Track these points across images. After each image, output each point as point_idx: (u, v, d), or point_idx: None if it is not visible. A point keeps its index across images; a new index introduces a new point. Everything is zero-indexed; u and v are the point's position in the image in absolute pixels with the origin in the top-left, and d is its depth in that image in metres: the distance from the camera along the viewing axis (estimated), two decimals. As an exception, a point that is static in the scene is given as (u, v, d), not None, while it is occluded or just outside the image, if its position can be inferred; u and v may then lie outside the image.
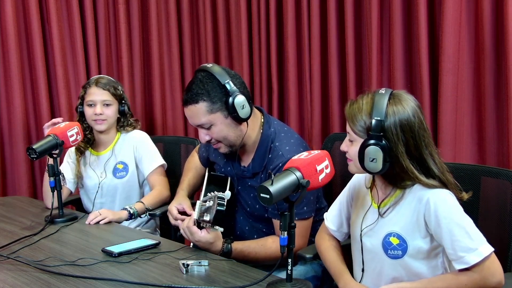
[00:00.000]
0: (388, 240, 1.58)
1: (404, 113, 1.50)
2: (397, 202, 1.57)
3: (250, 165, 2.06)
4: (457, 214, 1.49)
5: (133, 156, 2.60)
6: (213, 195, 1.74)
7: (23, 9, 3.10)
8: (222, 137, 1.99)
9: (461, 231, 1.46)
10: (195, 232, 1.84)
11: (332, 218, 1.80)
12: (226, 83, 1.93)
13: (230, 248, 1.89)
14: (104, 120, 2.52)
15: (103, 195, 2.59)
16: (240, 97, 1.93)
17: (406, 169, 1.50)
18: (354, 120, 1.54)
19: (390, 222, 1.58)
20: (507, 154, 2.15)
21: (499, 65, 2.18)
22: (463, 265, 1.46)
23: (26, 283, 1.67)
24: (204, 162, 2.35)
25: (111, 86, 2.54)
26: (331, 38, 2.68)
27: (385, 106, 1.50)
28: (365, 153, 1.50)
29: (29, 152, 2.25)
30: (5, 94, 3.10)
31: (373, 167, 1.50)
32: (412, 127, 1.50)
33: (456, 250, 1.46)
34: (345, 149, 1.60)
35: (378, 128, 1.48)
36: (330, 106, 2.73)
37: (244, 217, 2.15)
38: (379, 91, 1.55)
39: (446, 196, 1.51)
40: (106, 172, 2.58)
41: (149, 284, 1.62)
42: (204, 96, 1.94)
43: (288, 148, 1.99)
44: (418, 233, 1.54)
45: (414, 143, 1.51)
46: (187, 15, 3.43)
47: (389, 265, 1.59)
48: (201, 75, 1.97)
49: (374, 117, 1.49)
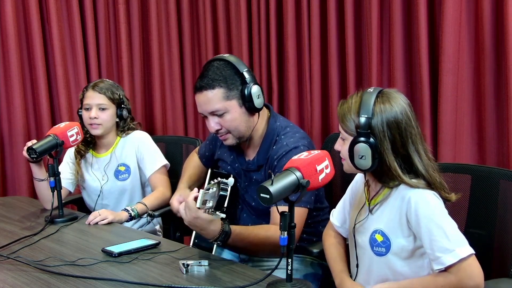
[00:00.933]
0: (373, 237, 1.60)
1: (392, 111, 1.53)
2: (385, 200, 1.60)
3: (255, 158, 2.08)
4: (437, 215, 1.50)
5: (135, 156, 2.59)
6: (216, 181, 1.67)
7: (23, 9, 3.10)
8: (234, 126, 2.00)
9: (440, 231, 1.47)
10: (192, 208, 1.70)
11: (336, 215, 1.83)
12: (244, 71, 1.97)
13: (229, 229, 1.78)
14: (99, 124, 2.50)
15: (105, 198, 2.59)
16: (256, 87, 1.97)
17: (390, 166, 1.52)
18: (344, 119, 1.57)
19: (377, 219, 1.61)
20: (507, 154, 2.16)
21: (499, 65, 2.18)
22: (440, 266, 1.47)
23: (26, 283, 1.67)
24: (207, 161, 2.35)
25: (108, 90, 2.51)
26: (331, 38, 2.68)
27: (372, 104, 1.53)
28: (355, 150, 1.52)
29: (29, 152, 2.25)
30: (5, 94, 3.10)
31: (363, 164, 1.52)
32: (399, 125, 1.52)
33: (434, 250, 1.48)
34: (338, 148, 1.63)
35: (366, 126, 1.51)
36: (330, 106, 2.73)
37: (247, 214, 2.14)
38: (368, 90, 1.58)
39: (428, 196, 1.52)
40: (108, 175, 2.58)
41: (149, 284, 1.62)
42: (221, 83, 1.95)
43: (292, 140, 2.01)
44: (400, 232, 1.55)
45: (401, 140, 1.53)
46: (187, 15, 3.43)
47: (376, 263, 1.61)
48: (218, 63, 1.99)
49: (361, 115, 1.52)
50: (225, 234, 1.77)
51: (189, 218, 1.73)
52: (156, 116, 3.46)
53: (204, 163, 2.37)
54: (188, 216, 1.72)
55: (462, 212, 1.82)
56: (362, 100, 1.54)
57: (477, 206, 1.80)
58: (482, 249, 1.58)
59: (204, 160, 2.37)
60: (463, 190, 1.83)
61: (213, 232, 1.75)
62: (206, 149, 2.35)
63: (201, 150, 2.40)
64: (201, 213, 1.69)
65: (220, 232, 1.76)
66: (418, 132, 1.56)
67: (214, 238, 1.77)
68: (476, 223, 1.79)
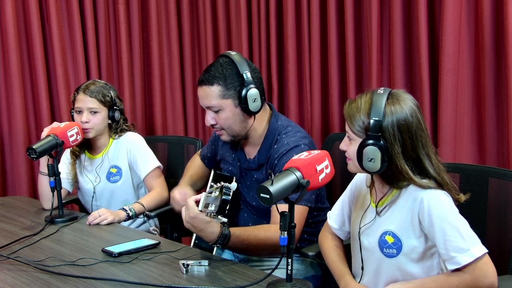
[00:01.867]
0: (383, 239, 1.58)
1: (402, 113, 1.50)
2: (394, 202, 1.58)
3: (256, 157, 2.08)
4: (450, 214, 1.49)
5: (126, 158, 2.58)
6: (219, 186, 1.68)
7: (23, 9, 3.10)
8: (228, 124, 2.02)
9: (454, 231, 1.46)
10: (192, 207, 1.71)
11: (334, 217, 1.80)
12: (244, 73, 1.97)
13: (229, 231, 1.78)
14: (90, 128, 2.48)
15: (98, 199, 2.58)
16: (253, 90, 1.97)
17: (401, 169, 1.50)
18: (352, 119, 1.54)
19: (386, 221, 1.59)
20: (507, 154, 2.15)
21: (499, 65, 2.18)
22: (455, 266, 1.46)
23: (26, 283, 1.67)
24: (209, 162, 2.35)
25: (100, 93, 2.48)
26: (331, 38, 2.68)
27: (383, 106, 1.50)
28: (364, 153, 1.50)
29: (29, 152, 2.25)
30: (5, 94, 3.09)
31: (372, 167, 1.50)
32: (409, 127, 1.50)
33: (448, 250, 1.47)
34: (344, 148, 1.60)
35: (376, 128, 1.48)
36: (330, 106, 2.73)
37: (248, 213, 2.14)
38: (378, 90, 1.55)
39: (440, 196, 1.51)
40: (100, 176, 2.57)
41: (149, 284, 1.62)
42: (220, 80, 1.97)
43: (293, 139, 2.01)
44: (412, 233, 1.54)
45: (411, 143, 1.50)
46: (187, 15, 3.43)
47: (385, 264, 1.60)
48: (223, 60, 2.01)
49: (372, 117, 1.49)
50: (224, 237, 1.77)
51: (187, 218, 1.73)
52: (156, 116, 3.46)
53: (206, 164, 2.37)
54: (187, 216, 1.73)
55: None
56: (373, 101, 1.51)
57: (467, 205, 1.79)
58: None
59: (206, 161, 2.37)
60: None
61: (211, 235, 1.75)
62: (208, 150, 2.36)
63: (203, 152, 2.41)
64: (199, 213, 1.69)
65: (219, 235, 1.76)
66: (427, 134, 1.54)
67: (213, 241, 1.77)
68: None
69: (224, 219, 1.70)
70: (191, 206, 1.71)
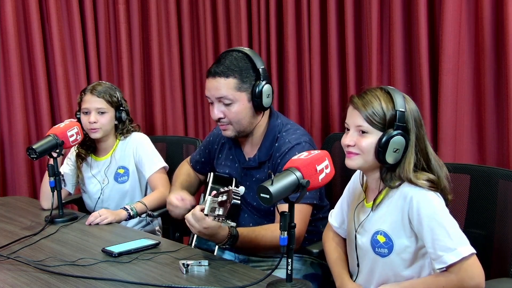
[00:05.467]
0: (375, 238, 1.60)
1: (414, 108, 1.58)
2: (386, 201, 1.59)
3: (257, 155, 2.08)
4: (439, 213, 1.50)
5: (133, 159, 2.58)
6: (227, 190, 1.68)
7: (23, 9, 3.10)
8: (238, 119, 2.01)
9: (442, 230, 1.47)
10: (202, 219, 1.72)
11: (335, 216, 1.83)
12: (261, 68, 1.99)
13: (237, 232, 1.81)
14: (98, 128, 2.49)
15: (105, 201, 2.58)
16: (268, 86, 1.99)
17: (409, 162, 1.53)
18: (371, 111, 1.54)
19: (379, 220, 1.60)
20: (507, 154, 2.15)
21: (499, 65, 2.18)
22: (442, 265, 1.47)
23: (26, 283, 1.67)
24: (202, 167, 2.35)
25: (107, 93, 2.49)
26: (331, 38, 2.68)
27: (403, 98, 1.56)
28: (390, 143, 1.52)
29: (29, 152, 2.25)
30: (5, 94, 3.10)
31: (395, 158, 1.54)
32: (420, 120, 1.58)
33: (436, 249, 1.48)
34: (352, 143, 1.58)
35: (402, 119, 1.53)
36: (330, 106, 2.73)
37: (249, 214, 2.14)
38: (388, 87, 1.60)
39: (430, 195, 1.53)
40: (108, 178, 2.57)
41: (149, 284, 1.62)
42: (236, 73, 1.97)
43: (294, 136, 2.03)
44: (403, 232, 1.55)
45: (422, 135, 1.57)
46: (187, 15, 3.43)
47: (378, 264, 1.61)
48: (236, 54, 2.01)
49: (398, 108, 1.54)
50: (233, 238, 1.80)
51: (199, 229, 1.74)
52: (156, 116, 3.46)
53: (198, 170, 2.37)
54: (199, 227, 1.74)
55: (461, 212, 1.82)
56: (393, 95, 1.56)
57: (476, 206, 1.80)
58: (481, 249, 1.58)
59: (198, 167, 2.37)
60: (462, 190, 1.83)
61: (222, 237, 1.79)
62: (201, 155, 2.35)
63: (194, 158, 2.39)
64: (210, 221, 1.71)
65: (228, 237, 1.79)
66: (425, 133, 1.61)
67: (222, 242, 1.80)
68: (475, 223, 1.79)
69: (233, 223, 1.71)
70: (200, 217, 1.72)
